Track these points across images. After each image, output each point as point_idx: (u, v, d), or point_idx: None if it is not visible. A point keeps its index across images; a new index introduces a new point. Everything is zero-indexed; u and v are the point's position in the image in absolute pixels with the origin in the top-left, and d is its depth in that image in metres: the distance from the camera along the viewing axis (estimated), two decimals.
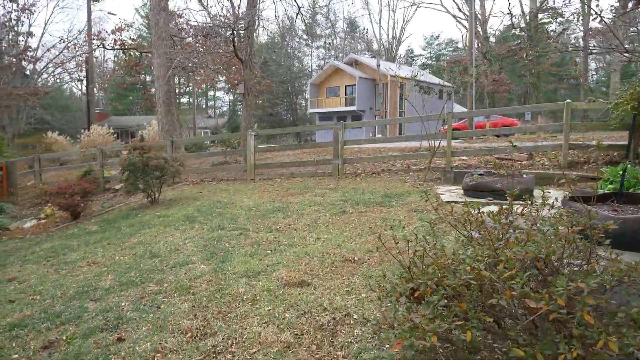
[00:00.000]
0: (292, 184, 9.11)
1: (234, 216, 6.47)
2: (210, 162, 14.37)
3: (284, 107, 52.74)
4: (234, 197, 8.08)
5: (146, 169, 7.76)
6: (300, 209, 6.59)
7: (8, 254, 6.10)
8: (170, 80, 15.09)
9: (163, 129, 15.36)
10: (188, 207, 7.40)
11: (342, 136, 9.67)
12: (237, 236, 5.39)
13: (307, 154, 14.27)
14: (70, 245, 5.86)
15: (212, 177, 11.45)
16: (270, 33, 51.68)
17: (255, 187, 9.02)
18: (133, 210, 7.95)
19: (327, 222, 5.82)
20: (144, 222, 6.64)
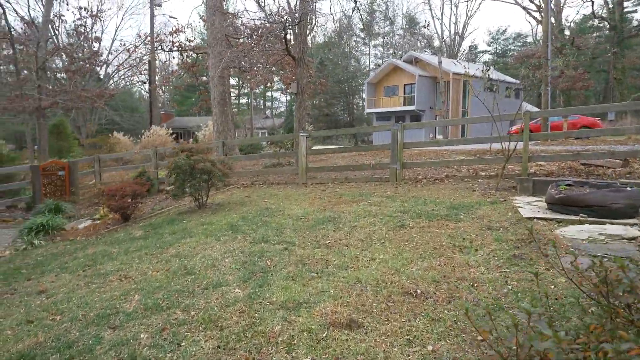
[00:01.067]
0: (345, 189, 8.41)
1: (280, 226, 5.89)
2: (263, 164, 14.06)
3: (341, 107, 52.19)
4: (282, 203, 7.54)
5: (193, 172, 7.43)
6: (353, 221, 5.87)
7: (53, 258, 5.97)
8: (225, 80, 14.99)
9: (217, 130, 15.32)
10: (234, 214, 6.95)
11: (400, 138, 8.81)
12: (280, 252, 4.78)
13: (363, 157, 13.50)
14: (111, 253, 5.59)
15: (263, 180, 11.05)
16: (327, 32, 51.38)
17: (306, 193, 8.43)
18: (179, 215, 7.67)
19: (383, 237, 5.06)
20: (186, 230, 6.26)
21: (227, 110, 15.37)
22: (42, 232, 7.98)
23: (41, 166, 10.72)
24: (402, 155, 8.88)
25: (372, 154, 14.07)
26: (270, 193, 8.83)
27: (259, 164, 14.21)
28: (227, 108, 15.34)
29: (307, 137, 9.74)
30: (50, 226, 8.10)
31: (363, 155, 13.76)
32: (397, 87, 36.59)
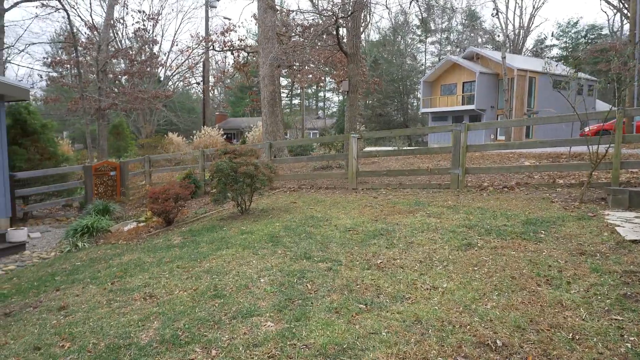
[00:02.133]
0: (400, 197, 7.59)
1: (326, 239, 5.22)
2: (311, 166, 13.51)
3: (394, 107, 50.76)
4: (330, 211, 6.87)
5: (235, 176, 6.97)
6: (410, 235, 5.09)
7: (88, 265, 5.73)
8: (275, 80, 14.63)
9: (267, 131, 14.99)
10: (276, 223, 6.39)
11: (464, 140, 7.84)
12: (324, 272, 4.12)
13: (418, 160, 12.54)
14: (144, 263, 5.21)
15: (310, 184, 10.46)
16: (381, 30, 50.17)
17: (356, 200, 7.71)
18: (221, 221, 7.24)
19: (445, 259, 4.24)
20: (224, 239, 5.78)
21: (277, 111, 15.00)
22: (86, 234, 7.91)
23: (94, 166, 10.86)
24: (465, 160, 7.90)
25: (428, 157, 13.07)
26: (317, 199, 8.21)
27: (308, 166, 13.67)
28: (276, 108, 14.97)
29: (358, 138, 9.01)
30: (95, 228, 8.01)
31: (418, 158, 12.79)
32: (455, 85, 34.76)
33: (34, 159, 10.02)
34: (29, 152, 9.97)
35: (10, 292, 4.93)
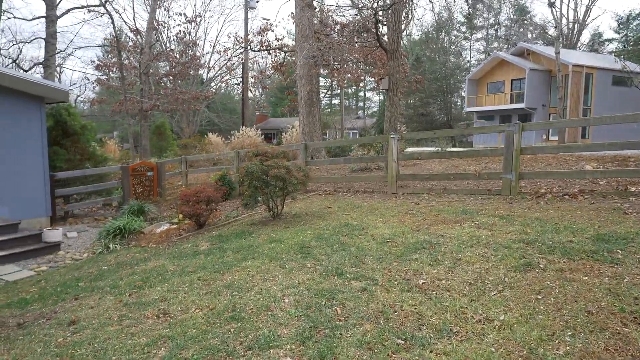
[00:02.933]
0: (444, 204, 6.92)
1: (361, 252, 4.70)
2: (349, 168, 12.97)
3: (437, 107, 49.14)
4: (366, 218, 6.33)
5: (266, 179, 6.58)
6: (456, 250, 4.47)
7: (113, 271, 5.51)
8: (312, 79, 14.23)
9: (304, 131, 14.62)
10: (308, 230, 5.92)
11: (517, 141, 7.04)
12: (357, 293, 3.60)
13: (464, 163, 11.71)
14: (167, 272, 4.91)
15: (347, 187, 9.94)
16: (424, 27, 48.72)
17: (396, 206, 7.11)
18: (251, 226, 6.88)
19: (501, 282, 3.61)
20: (252, 248, 5.38)
21: (314, 111, 14.59)
22: (118, 235, 7.81)
23: (131, 167, 10.89)
24: (518, 163, 7.10)
25: (474, 160, 12.18)
26: (353, 204, 7.68)
27: (345, 168, 13.14)
28: (314, 108, 14.57)
29: (398, 139, 8.39)
30: (127, 230, 7.90)
31: (463, 160, 11.95)
32: (503, 82, 33.00)
33: (74, 159, 10.16)
34: (69, 152, 10.12)
35: (33, 298, 4.77)
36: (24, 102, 8.62)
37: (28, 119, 8.72)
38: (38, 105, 8.86)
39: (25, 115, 8.66)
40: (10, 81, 8.30)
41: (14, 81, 8.35)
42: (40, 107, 8.92)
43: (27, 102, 8.66)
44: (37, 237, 7.43)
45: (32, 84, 8.67)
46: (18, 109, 8.54)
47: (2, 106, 8.31)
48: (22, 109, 8.61)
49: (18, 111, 8.55)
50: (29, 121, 8.74)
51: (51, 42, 21.59)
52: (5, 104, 8.35)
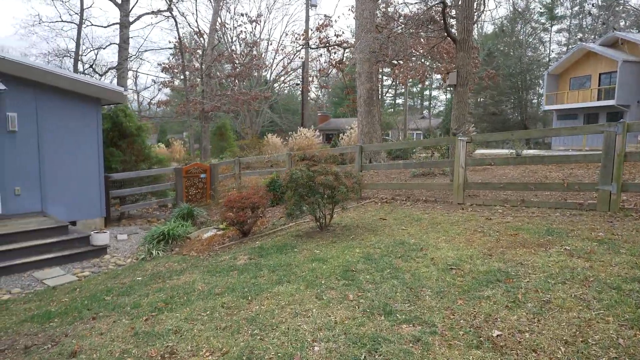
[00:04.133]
0: (523, 220, 5.77)
1: (417, 281, 3.83)
2: (411, 172, 11.93)
3: (511, 105, 45.66)
4: (427, 236, 5.39)
5: (312, 186, 5.89)
6: (543, 287, 3.45)
7: (144, 284, 5.11)
8: (373, 76, 13.35)
9: (362, 132, 13.79)
10: (356, 248, 5.12)
11: (620, 145, 5.69)
12: (407, 346, 2.76)
13: (544, 169, 10.24)
14: (194, 291, 4.38)
15: (407, 194, 8.96)
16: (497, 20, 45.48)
17: (462, 220, 6.08)
18: (295, 238, 6.21)
19: (612, 344, 2.59)
20: (290, 267, 4.70)
21: (374, 110, 13.71)
22: (162, 241, 7.55)
23: (184, 169, 10.78)
24: (621, 172, 5.74)
25: (557, 166, 10.63)
26: (412, 215, 6.73)
27: (406, 173, 12.12)
28: (374, 108, 13.68)
29: (466, 141, 7.29)
30: (170, 236, 7.61)
31: (545, 167, 10.44)
32: (589, 77, 29.61)
33: (129, 160, 10.22)
34: (125, 153, 10.19)
35: (58, 311, 4.47)
36: (82, 103, 8.70)
37: (85, 120, 8.80)
38: (94, 106, 8.92)
39: (82, 117, 8.74)
40: (68, 83, 8.39)
41: (72, 83, 8.44)
42: (97, 109, 8.98)
43: (84, 103, 8.74)
44: (85, 240, 7.36)
45: (89, 85, 8.73)
46: (76, 110, 8.64)
47: (61, 107, 8.43)
48: (80, 110, 8.70)
49: (76, 112, 8.64)
50: (86, 122, 8.82)
51: (124, 47, 22.72)
52: (64, 106, 8.46)
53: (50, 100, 8.26)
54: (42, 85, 8.11)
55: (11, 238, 6.76)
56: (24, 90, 7.91)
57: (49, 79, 8.12)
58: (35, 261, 6.62)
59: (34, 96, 8.05)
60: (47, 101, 8.23)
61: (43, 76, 8.03)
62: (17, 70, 7.72)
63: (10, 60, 7.67)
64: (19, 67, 7.75)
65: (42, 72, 8.05)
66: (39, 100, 8.13)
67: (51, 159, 8.37)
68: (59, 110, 8.41)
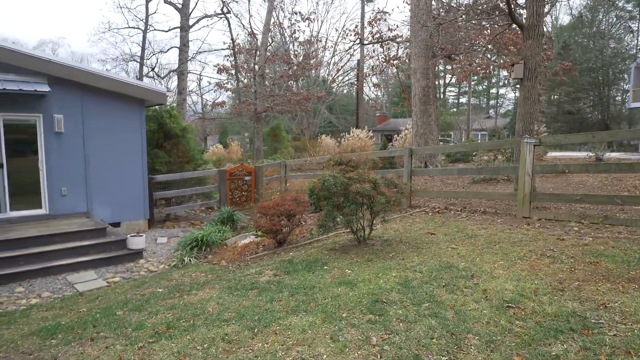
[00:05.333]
0: (606, 242, 4.68)
1: (463, 322, 3.05)
2: (470, 178, 10.80)
3: (589, 103, 41.47)
4: (480, 258, 4.51)
5: (347, 195, 5.21)
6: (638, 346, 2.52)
7: (162, 296, 4.74)
8: (429, 73, 12.33)
9: (417, 133, 12.81)
10: (393, 270, 4.38)
11: None
12: None
13: (633, 178, 8.73)
14: (203, 314, 3.90)
15: (463, 204, 7.97)
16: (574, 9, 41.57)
17: (527, 239, 5.09)
18: (329, 252, 5.57)
19: None
20: (313, 291, 4.08)
21: (430, 110, 12.68)
22: (196, 247, 7.25)
23: (228, 171, 10.54)
24: None
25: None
26: (466, 230, 5.82)
27: (464, 179, 11.00)
28: (430, 106, 12.66)
29: (534, 144, 6.21)
30: (204, 242, 7.29)
31: (636, 175, 8.87)
32: None
33: (173, 162, 10.15)
34: (170, 155, 10.14)
35: (67, 325, 4.20)
36: (126, 104, 8.71)
37: (129, 121, 8.80)
38: (138, 107, 8.90)
39: (126, 118, 8.75)
40: (112, 84, 8.42)
41: (115, 84, 8.46)
42: (140, 110, 8.96)
43: (128, 104, 8.74)
44: (122, 243, 7.25)
45: (132, 86, 8.71)
46: (120, 111, 8.66)
47: (106, 109, 8.48)
48: (124, 111, 8.71)
49: (120, 113, 8.67)
50: (130, 123, 8.82)
51: (184, 50, 23.38)
52: (108, 107, 8.51)
53: (95, 102, 8.33)
54: (87, 87, 8.18)
55: (51, 239, 6.79)
56: (70, 92, 8.02)
57: (94, 80, 8.17)
58: (71, 264, 6.58)
59: (79, 98, 8.15)
60: (92, 103, 8.30)
61: (88, 78, 8.09)
62: (63, 73, 7.82)
63: (57, 63, 7.79)
64: (65, 69, 7.86)
65: (87, 74, 8.11)
66: (85, 102, 8.22)
67: (96, 160, 8.44)
68: (104, 111, 8.46)
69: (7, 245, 6.42)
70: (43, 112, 7.79)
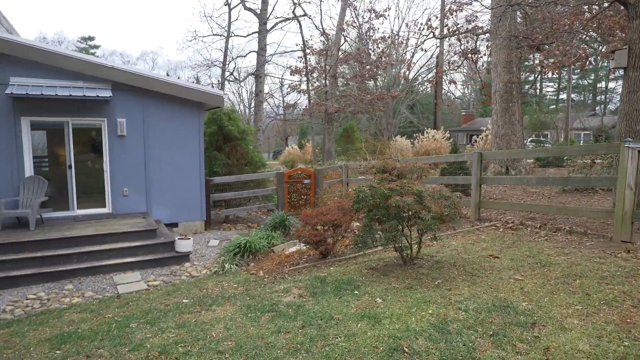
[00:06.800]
0: None
1: None
2: (560, 188, 9.23)
3: None
4: (549, 298, 3.52)
5: (388, 208, 4.47)
6: None
7: (180, 311, 4.44)
8: (512, 67, 10.85)
9: (497, 134, 11.38)
10: (431, 306, 3.57)
11: None
12: None
13: None
14: (202, 339, 3.48)
15: (544, 219, 6.69)
16: None
17: (623, 274, 3.91)
18: (367, 273, 4.86)
19: None
20: (328, 325, 3.45)
21: (514, 107, 11.19)
22: (238, 254, 6.97)
23: (286, 174, 10.23)
24: None
25: None
26: (539, 256, 4.72)
27: (554, 187, 9.45)
28: (513, 104, 11.18)
29: (638, 150, 4.87)
30: (247, 249, 6.98)
31: None
32: None
33: (232, 164, 10.10)
34: (229, 157, 10.11)
35: (82, 333, 4.08)
36: (184, 108, 8.79)
37: (188, 124, 8.88)
38: (196, 110, 8.95)
39: (185, 121, 8.84)
40: (171, 89, 8.53)
41: (175, 88, 8.56)
42: (199, 113, 9.00)
43: (187, 108, 8.81)
44: (170, 245, 7.24)
45: (191, 90, 8.76)
46: (179, 114, 8.76)
47: (165, 112, 8.63)
48: (183, 114, 8.80)
49: (179, 117, 8.77)
50: (189, 126, 8.90)
51: (261, 54, 23.88)
52: (168, 110, 8.65)
53: (155, 106, 8.50)
54: (148, 92, 8.37)
55: (103, 239, 6.97)
56: (131, 97, 8.27)
57: (154, 85, 8.34)
58: (119, 264, 6.68)
59: (140, 102, 8.36)
60: (152, 106, 8.48)
61: (148, 83, 8.27)
62: (125, 78, 8.07)
63: (119, 69, 8.06)
64: (126, 75, 8.11)
65: (147, 79, 8.30)
66: (145, 106, 8.42)
67: (155, 162, 8.62)
68: (163, 115, 8.61)
69: (64, 242, 6.70)
70: (107, 117, 8.12)
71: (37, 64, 7.40)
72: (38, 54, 7.35)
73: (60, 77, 7.64)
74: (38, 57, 7.36)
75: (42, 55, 7.39)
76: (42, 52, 7.42)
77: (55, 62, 7.50)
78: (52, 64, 7.48)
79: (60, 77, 7.63)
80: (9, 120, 7.32)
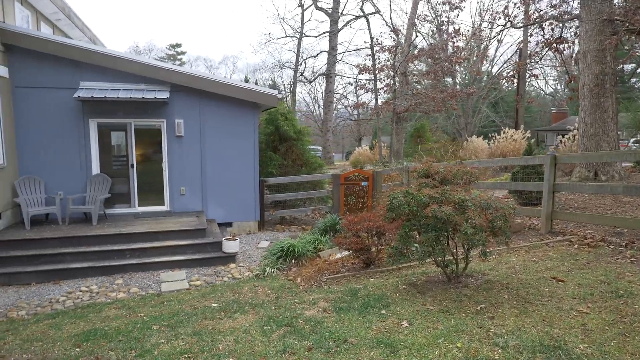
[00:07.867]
0: None
1: None
2: None
3: None
4: (616, 342, 2.78)
5: (426, 218, 3.94)
6: None
7: (206, 316, 4.31)
8: (605, 55, 9.36)
9: (585, 133, 9.92)
10: (463, 337, 3.01)
11: None
12: None
13: None
14: (208, 351, 3.27)
15: (635, 236, 5.58)
16: None
17: None
18: (404, 289, 4.34)
19: None
20: (339, 348, 3.06)
21: (606, 103, 9.70)
22: (281, 257, 6.76)
23: (342, 175, 9.87)
24: None
25: None
26: (616, 283, 3.85)
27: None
28: (605, 99, 9.69)
29: None
30: (289, 254, 6.74)
31: None
32: None
33: (287, 165, 9.98)
34: (285, 158, 10.01)
35: (108, 331, 4.13)
36: (240, 108, 8.85)
37: (243, 125, 8.93)
38: (251, 111, 8.96)
39: (240, 121, 8.90)
40: (227, 89, 8.63)
41: (230, 89, 8.65)
42: (254, 113, 9.01)
43: (242, 108, 8.86)
44: (217, 245, 7.29)
45: (246, 90, 8.79)
46: (234, 115, 8.84)
47: (221, 113, 8.76)
48: (238, 114, 8.87)
49: (234, 117, 8.85)
50: (244, 126, 8.95)
51: (332, 54, 23.77)
52: (224, 111, 8.77)
53: (211, 106, 8.66)
54: (205, 93, 8.55)
55: (155, 236, 7.21)
56: (189, 98, 8.50)
57: (210, 86, 8.49)
58: (167, 261, 6.85)
59: (197, 103, 8.57)
60: (209, 107, 8.65)
61: (204, 84, 8.44)
62: (183, 80, 8.32)
63: (177, 72, 8.32)
64: (183, 77, 8.35)
65: (203, 80, 8.47)
66: (202, 107, 8.61)
67: (211, 162, 8.79)
68: (219, 115, 8.74)
69: (120, 238, 7.04)
70: (166, 117, 8.43)
71: (104, 68, 7.90)
72: (104, 59, 7.84)
73: (124, 80, 8.08)
74: (104, 62, 7.85)
75: (107, 60, 7.87)
76: (107, 57, 7.90)
77: (119, 66, 7.95)
78: (116, 68, 7.94)
79: (123, 81, 8.08)
80: (78, 122, 7.91)
